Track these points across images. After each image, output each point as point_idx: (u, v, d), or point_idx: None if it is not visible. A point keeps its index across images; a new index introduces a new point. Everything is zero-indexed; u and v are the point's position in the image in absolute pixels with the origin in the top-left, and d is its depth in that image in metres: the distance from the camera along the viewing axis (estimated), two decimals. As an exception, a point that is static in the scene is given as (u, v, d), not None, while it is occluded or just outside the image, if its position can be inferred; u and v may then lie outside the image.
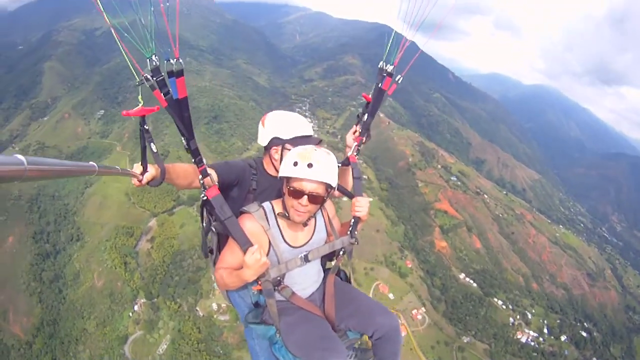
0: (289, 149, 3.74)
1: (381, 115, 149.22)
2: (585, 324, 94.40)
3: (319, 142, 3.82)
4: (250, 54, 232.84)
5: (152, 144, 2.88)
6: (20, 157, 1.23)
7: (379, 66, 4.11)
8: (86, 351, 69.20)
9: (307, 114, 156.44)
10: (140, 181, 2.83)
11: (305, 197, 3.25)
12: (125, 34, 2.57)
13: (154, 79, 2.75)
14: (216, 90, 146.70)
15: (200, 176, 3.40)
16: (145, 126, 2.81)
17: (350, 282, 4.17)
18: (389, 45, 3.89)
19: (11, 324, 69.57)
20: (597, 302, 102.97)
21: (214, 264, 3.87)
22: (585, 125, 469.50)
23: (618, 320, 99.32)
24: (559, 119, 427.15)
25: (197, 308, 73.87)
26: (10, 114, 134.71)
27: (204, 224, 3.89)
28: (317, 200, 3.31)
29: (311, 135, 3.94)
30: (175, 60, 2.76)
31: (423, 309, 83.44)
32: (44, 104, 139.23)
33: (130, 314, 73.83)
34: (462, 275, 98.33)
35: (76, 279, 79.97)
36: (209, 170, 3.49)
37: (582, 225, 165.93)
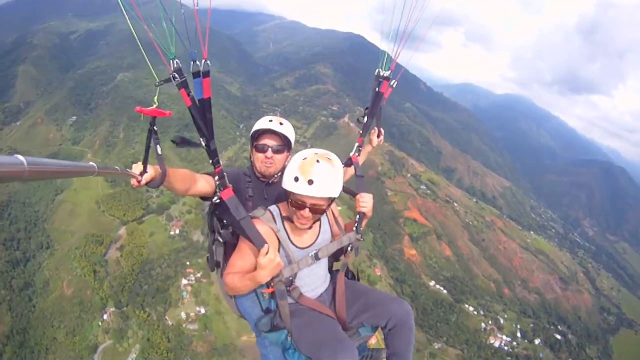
0: (254, 147, 3.93)
1: (351, 124, 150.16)
2: (559, 326, 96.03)
3: (278, 138, 3.89)
4: (223, 62, 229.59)
5: (158, 145, 2.90)
6: (20, 157, 1.24)
7: (376, 73, 4.54)
8: (56, 360, 68.48)
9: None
10: (139, 182, 2.81)
11: (307, 209, 3.30)
12: (155, 37, 2.63)
13: (180, 78, 2.86)
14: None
15: (217, 177, 3.50)
16: (154, 127, 2.81)
17: (358, 280, 4.27)
18: (392, 50, 4.26)
19: (-19, 333, 68.38)
20: (570, 305, 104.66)
21: (222, 275, 3.84)
22: (557, 133, 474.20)
23: (593, 321, 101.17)
24: (530, 127, 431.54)
25: (166, 317, 73.78)
26: None
27: (211, 234, 3.94)
28: (319, 211, 3.36)
29: (266, 129, 3.88)
30: (203, 61, 2.89)
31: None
32: (17, 108, 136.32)
33: (100, 323, 73.12)
34: (432, 283, 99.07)
35: (46, 287, 78.89)
36: (207, 178, 3.60)
37: (553, 230, 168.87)
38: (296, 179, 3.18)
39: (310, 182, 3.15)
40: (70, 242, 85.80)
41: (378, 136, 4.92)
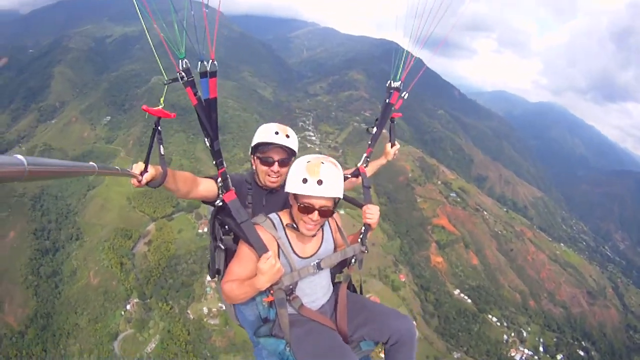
0: (258, 157, 3.89)
1: (384, 131, 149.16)
2: (583, 342, 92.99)
3: (285, 151, 3.86)
4: (257, 67, 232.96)
5: (161, 145, 2.92)
6: (20, 157, 1.23)
7: (387, 84, 4.56)
8: (76, 345, 70.14)
9: (310, 127, 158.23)
10: (139, 181, 2.80)
11: (316, 212, 3.28)
12: (167, 37, 2.74)
13: (187, 78, 2.92)
14: (221, 102, 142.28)
15: (220, 179, 3.54)
16: (159, 127, 2.84)
17: (361, 294, 4.25)
18: (401, 63, 4.38)
19: (6, 314, 70.81)
20: (596, 320, 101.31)
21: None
22: (590, 142, 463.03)
23: (618, 339, 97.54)
24: (564, 136, 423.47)
25: (188, 311, 74.95)
26: (18, 115, 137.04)
27: (212, 240, 3.91)
28: (327, 213, 3.35)
29: (273, 142, 3.80)
30: (210, 61, 2.95)
31: (414, 323, 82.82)
32: (52, 107, 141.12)
33: (123, 313, 74.82)
34: (456, 291, 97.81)
35: (73, 275, 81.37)
36: (209, 182, 3.62)
37: (584, 243, 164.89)
38: (305, 181, 3.17)
39: (320, 182, 3.16)
40: (100, 235, 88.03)
41: (368, 149, 4.77)
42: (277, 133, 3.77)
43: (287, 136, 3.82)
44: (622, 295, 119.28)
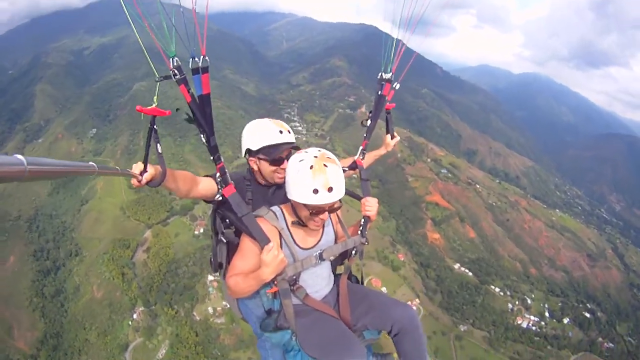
0: (264, 159, 3.77)
1: (368, 114, 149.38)
2: (588, 304, 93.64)
3: (292, 147, 3.81)
4: (237, 64, 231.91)
5: (158, 144, 2.88)
6: (20, 157, 1.23)
7: (379, 76, 4.50)
8: (89, 360, 70.96)
9: (295, 118, 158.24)
10: (139, 181, 2.79)
11: (326, 212, 3.32)
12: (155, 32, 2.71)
13: (180, 75, 2.90)
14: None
15: (218, 174, 3.52)
16: (154, 126, 2.82)
17: (362, 284, 4.25)
18: (391, 54, 4.33)
19: (16, 340, 71.06)
20: (599, 282, 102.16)
21: (225, 276, 3.84)
22: (577, 108, 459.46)
23: (622, 298, 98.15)
24: (550, 104, 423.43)
25: (194, 313, 75.33)
26: (5, 138, 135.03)
27: (214, 235, 3.96)
28: (336, 209, 3.40)
29: (282, 143, 3.76)
30: (201, 57, 2.97)
31: (417, 300, 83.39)
32: (37, 126, 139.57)
33: (130, 322, 75.13)
34: (456, 265, 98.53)
35: (76, 292, 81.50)
36: (208, 181, 3.59)
37: (579, 207, 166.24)
38: (316, 192, 3.13)
39: (330, 189, 3.15)
40: (98, 248, 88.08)
41: (364, 141, 4.70)
42: (281, 132, 3.76)
43: (289, 132, 3.84)
44: (622, 256, 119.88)
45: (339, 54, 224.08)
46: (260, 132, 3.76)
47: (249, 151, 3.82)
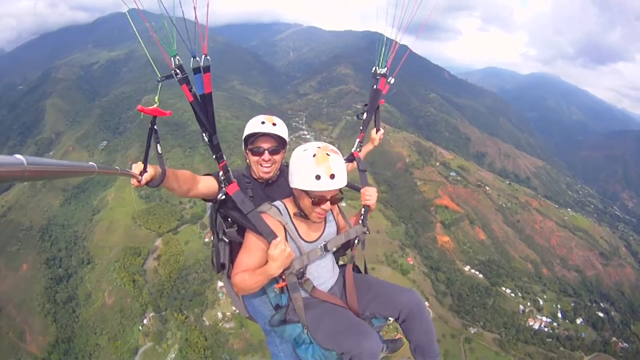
0: (250, 150, 3.86)
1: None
2: (601, 304, 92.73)
3: (275, 140, 3.87)
4: (245, 75, 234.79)
5: (158, 145, 2.88)
6: (19, 157, 1.22)
7: (372, 70, 4.59)
8: (99, 364, 71.79)
9: (303, 127, 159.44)
10: (139, 181, 2.79)
11: (329, 202, 3.36)
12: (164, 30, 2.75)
13: (182, 74, 2.91)
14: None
15: (221, 172, 3.54)
16: (155, 126, 2.82)
17: (366, 273, 4.28)
18: (383, 50, 4.43)
19: (28, 344, 72.53)
20: (612, 281, 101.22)
21: (228, 276, 3.89)
22: (586, 107, 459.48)
23: (637, 297, 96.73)
24: (559, 104, 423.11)
25: (204, 318, 75.96)
26: (16, 151, 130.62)
27: (215, 235, 3.94)
28: (337, 201, 3.44)
29: (261, 133, 3.80)
30: (203, 57, 2.93)
31: (427, 303, 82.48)
32: (49, 140, 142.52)
33: (140, 327, 76.16)
34: (467, 268, 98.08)
35: (88, 298, 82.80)
36: (208, 180, 3.62)
37: (592, 206, 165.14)
38: (318, 177, 3.19)
39: (332, 176, 3.20)
40: (109, 256, 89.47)
41: (361, 134, 4.79)
42: (263, 122, 3.80)
43: (274, 124, 3.83)
44: (635, 253, 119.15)
45: (345, 62, 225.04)
46: (248, 124, 3.88)
47: (243, 144, 3.94)
